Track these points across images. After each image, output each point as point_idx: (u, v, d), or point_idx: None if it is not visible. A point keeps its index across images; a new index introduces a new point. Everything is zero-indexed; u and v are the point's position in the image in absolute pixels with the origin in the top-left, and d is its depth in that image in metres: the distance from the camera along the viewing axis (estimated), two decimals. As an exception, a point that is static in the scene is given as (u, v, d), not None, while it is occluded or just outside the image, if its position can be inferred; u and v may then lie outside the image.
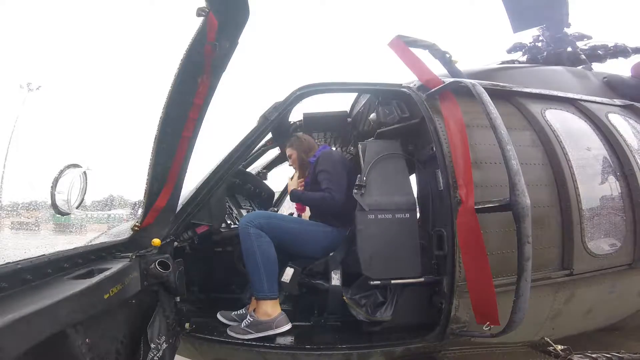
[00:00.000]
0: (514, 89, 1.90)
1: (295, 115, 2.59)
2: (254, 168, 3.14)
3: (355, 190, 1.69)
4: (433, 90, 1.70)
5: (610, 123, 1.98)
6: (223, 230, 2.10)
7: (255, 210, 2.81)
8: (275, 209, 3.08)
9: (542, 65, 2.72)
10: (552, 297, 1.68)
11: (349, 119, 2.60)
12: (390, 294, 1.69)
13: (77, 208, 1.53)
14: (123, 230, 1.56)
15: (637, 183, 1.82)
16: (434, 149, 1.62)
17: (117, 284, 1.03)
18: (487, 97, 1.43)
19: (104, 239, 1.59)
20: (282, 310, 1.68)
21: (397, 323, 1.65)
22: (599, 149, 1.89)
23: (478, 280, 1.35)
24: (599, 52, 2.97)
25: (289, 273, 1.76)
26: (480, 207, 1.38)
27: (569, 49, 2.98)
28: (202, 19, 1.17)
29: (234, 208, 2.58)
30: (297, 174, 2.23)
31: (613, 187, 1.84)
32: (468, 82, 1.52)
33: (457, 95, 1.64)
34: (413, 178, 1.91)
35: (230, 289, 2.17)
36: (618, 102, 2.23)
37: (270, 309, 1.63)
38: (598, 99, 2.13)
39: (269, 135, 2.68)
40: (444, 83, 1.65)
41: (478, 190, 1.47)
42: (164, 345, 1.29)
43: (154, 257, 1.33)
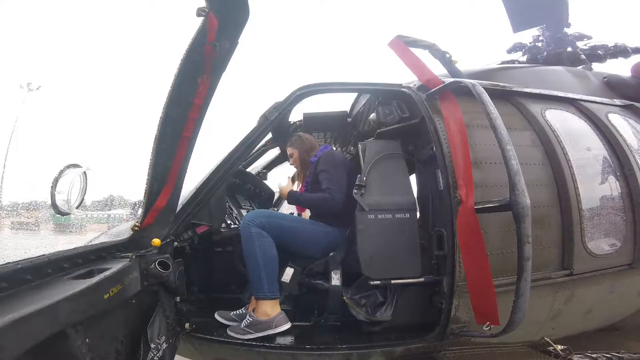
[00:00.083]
0: (514, 89, 1.90)
1: (295, 115, 2.60)
2: (254, 168, 3.14)
3: (355, 190, 1.69)
4: (433, 90, 1.70)
5: (610, 123, 1.98)
6: (223, 230, 2.11)
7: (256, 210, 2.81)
8: (276, 209, 3.08)
9: (542, 65, 2.71)
10: (552, 297, 1.68)
11: (349, 119, 2.60)
12: (390, 294, 1.69)
13: (77, 208, 1.53)
14: (123, 230, 1.56)
15: (637, 183, 1.82)
16: (434, 149, 1.62)
17: (117, 284, 1.03)
18: (487, 97, 1.43)
19: (104, 239, 1.59)
20: (281, 310, 1.68)
21: (397, 323, 1.65)
22: (599, 149, 1.89)
23: (478, 280, 1.35)
24: (599, 52, 2.96)
25: (289, 273, 1.76)
26: (480, 207, 1.37)
27: (569, 49, 2.98)
28: (202, 19, 1.17)
29: (234, 208, 2.58)
30: (290, 182, 2.23)
31: (613, 187, 1.84)
32: (468, 82, 1.52)
33: (457, 95, 1.64)
34: (413, 178, 1.91)
35: (230, 289, 2.17)
36: (618, 102, 2.23)
37: (270, 309, 1.64)
38: (598, 99, 2.13)
39: (269, 135, 2.69)
40: (444, 83, 1.65)
41: (478, 190, 1.47)
42: (164, 345, 1.29)
43: (154, 257, 1.33)
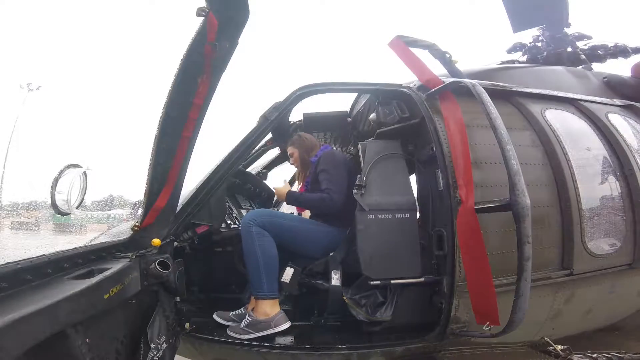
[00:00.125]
0: (514, 89, 1.90)
1: (295, 115, 2.60)
2: (254, 168, 3.14)
3: (355, 190, 1.69)
4: (433, 90, 1.70)
5: (610, 123, 1.98)
6: (223, 230, 2.10)
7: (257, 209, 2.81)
8: (276, 209, 3.08)
9: (542, 65, 2.71)
10: (552, 297, 1.68)
11: (349, 119, 2.60)
12: (390, 294, 1.69)
13: (77, 208, 1.53)
14: (123, 230, 1.56)
15: (637, 183, 1.82)
16: (434, 149, 1.62)
17: (117, 284, 1.03)
18: (487, 97, 1.43)
19: (104, 239, 1.59)
20: (281, 310, 1.68)
21: (397, 323, 1.65)
22: (599, 149, 1.89)
23: (478, 280, 1.35)
24: (599, 52, 2.96)
25: (289, 273, 1.76)
26: (480, 207, 1.37)
27: (569, 49, 2.98)
28: (202, 19, 1.17)
29: (234, 208, 2.58)
30: (287, 184, 2.23)
31: (613, 187, 1.84)
32: (468, 82, 1.52)
33: (457, 95, 1.64)
34: (413, 178, 1.91)
35: (230, 289, 2.17)
36: (618, 102, 2.23)
37: (269, 309, 1.64)
38: (598, 99, 2.13)
39: (269, 135, 2.69)
40: (444, 83, 1.65)
41: (478, 190, 1.47)
42: (164, 345, 1.29)
43: (154, 257, 1.32)
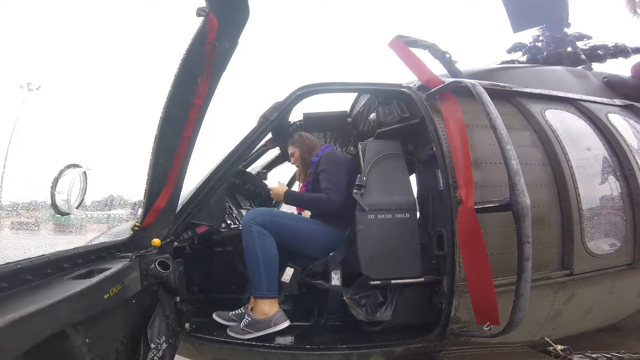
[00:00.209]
0: (514, 89, 1.90)
1: (295, 115, 2.61)
2: (254, 168, 3.14)
3: (355, 190, 1.69)
4: (433, 90, 1.70)
5: (610, 123, 1.98)
6: (223, 230, 2.11)
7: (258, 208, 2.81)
8: (276, 209, 3.08)
9: (542, 65, 2.71)
10: (552, 297, 1.68)
11: (349, 119, 2.60)
12: (390, 294, 1.69)
13: (77, 208, 1.53)
14: (123, 230, 1.56)
15: (637, 183, 1.82)
16: (434, 149, 1.62)
17: (117, 284, 1.03)
18: (487, 97, 1.43)
19: (104, 239, 1.59)
20: (280, 309, 1.67)
21: (397, 323, 1.65)
22: (599, 149, 1.89)
23: (478, 280, 1.35)
24: (599, 52, 2.96)
25: (289, 273, 1.76)
26: (480, 207, 1.37)
27: (569, 49, 2.98)
28: (202, 19, 1.17)
29: (234, 208, 2.58)
30: (284, 185, 2.23)
31: (613, 187, 1.84)
32: (468, 82, 1.52)
33: (457, 95, 1.64)
34: (413, 178, 1.91)
35: (230, 289, 2.17)
36: (618, 102, 2.23)
37: (268, 308, 1.63)
38: (598, 99, 2.13)
39: (269, 135, 2.69)
40: (444, 83, 1.65)
41: (478, 190, 1.46)
42: (164, 345, 1.29)
43: (154, 257, 1.32)
